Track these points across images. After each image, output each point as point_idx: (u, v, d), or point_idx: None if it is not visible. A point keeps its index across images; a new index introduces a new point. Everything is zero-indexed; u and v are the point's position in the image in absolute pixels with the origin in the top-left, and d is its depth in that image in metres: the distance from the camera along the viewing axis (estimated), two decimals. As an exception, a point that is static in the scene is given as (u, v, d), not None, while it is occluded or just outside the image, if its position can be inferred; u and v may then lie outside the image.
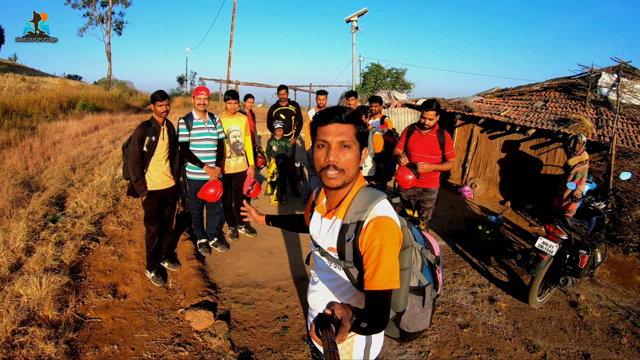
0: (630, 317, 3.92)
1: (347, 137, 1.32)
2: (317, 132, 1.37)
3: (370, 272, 1.25)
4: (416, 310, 1.48)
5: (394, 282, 1.24)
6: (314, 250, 1.56)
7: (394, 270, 1.25)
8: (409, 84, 19.69)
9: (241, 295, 3.74)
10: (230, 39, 17.25)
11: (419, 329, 1.51)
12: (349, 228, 1.33)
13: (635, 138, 6.60)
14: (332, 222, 1.41)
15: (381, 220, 1.28)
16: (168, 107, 3.68)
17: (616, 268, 5.10)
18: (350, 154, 1.33)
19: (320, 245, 1.48)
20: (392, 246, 1.26)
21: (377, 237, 1.25)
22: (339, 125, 1.32)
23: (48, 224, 4.91)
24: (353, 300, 1.43)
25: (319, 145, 1.35)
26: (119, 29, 28.51)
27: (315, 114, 1.40)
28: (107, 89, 25.45)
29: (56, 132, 10.81)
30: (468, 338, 3.37)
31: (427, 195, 4.05)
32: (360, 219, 1.31)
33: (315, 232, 1.52)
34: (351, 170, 1.34)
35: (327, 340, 0.95)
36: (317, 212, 1.52)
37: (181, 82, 34.31)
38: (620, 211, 5.69)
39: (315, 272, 1.56)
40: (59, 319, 3.16)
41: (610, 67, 8.45)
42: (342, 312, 1.04)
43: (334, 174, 1.32)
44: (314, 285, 1.56)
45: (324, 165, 1.33)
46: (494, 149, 8.22)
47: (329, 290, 1.47)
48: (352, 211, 1.35)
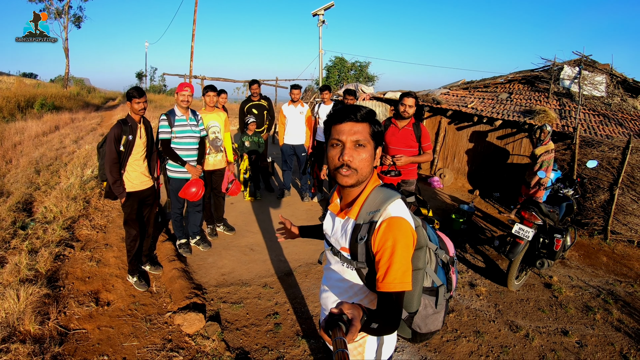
0: (601, 295, 4.18)
1: (362, 136, 1.31)
2: (331, 131, 1.36)
3: (382, 273, 1.24)
4: (429, 311, 1.46)
5: (406, 284, 1.23)
6: (326, 249, 1.54)
7: (406, 272, 1.24)
8: (372, 76, 19.88)
9: (229, 295, 3.71)
10: (193, 34, 16.81)
11: (431, 330, 1.50)
12: (362, 228, 1.31)
13: (597, 128, 6.99)
14: (345, 221, 1.40)
15: (394, 221, 1.26)
16: (145, 104, 3.55)
17: (583, 250, 5.42)
18: (364, 153, 1.31)
19: (333, 244, 1.46)
20: (405, 247, 1.25)
21: (389, 237, 1.24)
22: (354, 124, 1.31)
23: (18, 232, 4.65)
24: (365, 300, 1.42)
25: (332, 144, 1.34)
26: (78, 22, 27.18)
27: (330, 112, 1.38)
28: (65, 87, 24.28)
29: (15, 133, 10.24)
30: (455, 322, 3.49)
31: (405, 187, 4.13)
32: (373, 219, 1.29)
33: (328, 231, 1.50)
34: (365, 169, 1.33)
35: (336, 339, 0.95)
36: (330, 210, 1.51)
37: (140, 78, 33.18)
38: (584, 197, 6.03)
39: (328, 272, 1.54)
40: (42, 333, 2.99)
41: (572, 61, 8.88)
42: (353, 312, 1.03)
43: (347, 172, 1.30)
44: (326, 285, 1.55)
45: (338, 164, 1.31)
46: (461, 140, 8.48)
47: (341, 291, 1.46)
48: (365, 211, 1.33)
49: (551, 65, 8.97)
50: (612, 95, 8.48)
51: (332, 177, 1.38)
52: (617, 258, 5.28)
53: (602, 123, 7.32)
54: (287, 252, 4.66)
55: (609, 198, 5.83)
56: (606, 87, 8.54)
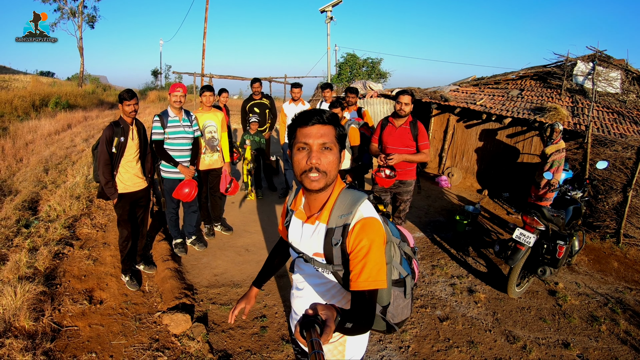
0: (609, 303, 3.99)
1: (328, 139, 1.30)
2: (296, 134, 1.34)
3: (356, 272, 1.25)
4: (399, 302, 1.50)
5: (380, 282, 1.24)
6: (295, 257, 1.53)
7: (381, 270, 1.25)
8: (384, 73, 19.61)
9: (218, 296, 3.68)
10: (204, 31, 16.91)
11: (403, 319, 1.54)
12: (335, 232, 1.32)
13: (610, 126, 6.71)
14: (315, 227, 1.39)
15: (368, 222, 1.28)
16: (136, 106, 3.55)
17: (594, 255, 5.21)
18: (331, 155, 1.31)
19: (303, 251, 1.45)
20: (379, 246, 1.27)
21: (364, 237, 1.25)
22: (320, 127, 1.30)
23: (21, 230, 4.73)
24: (343, 301, 1.44)
25: (299, 147, 1.32)
26: (92, 22, 27.63)
27: (294, 116, 1.37)
28: (80, 85, 24.71)
29: (28, 131, 10.46)
30: (448, 331, 3.38)
31: (403, 188, 4.03)
32: (346, 222, 1.30)
33: (296, 239, 1.48)
34: (333, 172, 1.32)
35: (311, 341, 0.94)
36: (296, 218, 1.49)
37: (155, 75, 33.60)
38: (596, 198, 5.80)
39: (301, 278, 1.54)
40: (36, 329, 3.05)
41: (585, 56, 8.56)
42: (327, 313, 1.02)
43: (316, 176, 1.29)
44: (299, 292, 1.55)
45: (306, 168, 1.30)
46: (470, 138, 8.28)
47: (317, 295, 1.47)
48: (335, 215, 1.33)
49: (564, 61, 8.67)
50: (627, 92, 8.14)
51: (298, 183, 1.35)
52: (629, 263, 5.05)
53: (616, 121, 7.02)
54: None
55: (622, 200, 5.59)
56: (621, 84, 8.20)
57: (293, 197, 1.56)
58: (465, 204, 6.75)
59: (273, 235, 5.06)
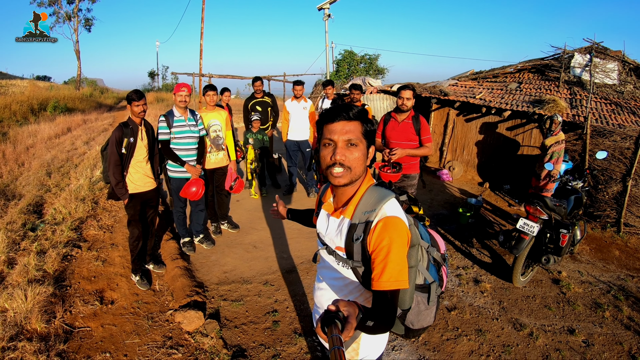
0: (612, 291, 4.06)
1: (354, 135, 1.31)
2: (323, 131, 1.36)
3: (378, 272, 1.24)
4: (421, 308, 1.48)
5: (402, 282, 1.23)
6: (320, 248, 1.54)
7: (402, 271, 1.24)
8: (382, 69, 19.66)
9: (229, 293, 3.73)
10: (201, 31, 16.87)
11: (424, 326, 1.52)
12: (358, 228, 1.32)
13: (608, 117, 6.77)
14: (340, 221, 1.40)
15: (390, 221, 1.27)
16: (145, 106, 3.58)
17: (595, 244, 5.28)
18: (357, 152, 1.32)
19: (327, 244, 1.47)
20: (401, 246, 1.26)
21: (385, 237, 1.25)
22: (346, 123, 1.31)
23: (28, 233, 4.76)
24: (360, 298, 1.43)
25: (325, 143, 1.34)
26: (88, 25, 27.59)
27: (322, 112, 1.37)
28: (78, 88, 24.70)
29: (28, 136, 10.47)
30: (456, 320, 3.44)
31: (407, 182, 4.08)
32: (369, 219, 1.30)
33: (322, 231, 1.50)
34: (358, 168, 1.33)
35: (332, 337, 0.95)
36: (324, 210, 1.51)
37: (152, 77, 33.59)
38: (596, 188, 5.87)
39: (322, 270, 1.56)
40: (48, 331, 3.07)
41: (582, 48, 8.61)
42: (349, 309, 1.03)
43: (340, 171, 1.31)
44: (320, 284, 1.57)
45: (330, 163, 1.32)
46: (470, 132, 8.34)
47: (336, 289, 1.47)
48: (360, 211, 1.33)
49: (561, 53, 8.72)
50: (624, 82, 8.20)
51: (325, 177, 1.39)
52: (630, 252, 5.13)
53: (614, 112, 7.08)
54: (290, 249, 4.66)
55: (622, 189, 5.66)
56: (618, 75, 8.26)
57: (324, 189, 1.58)
58: (467, 196, 6.81)
59: (280, 232, 5.11)
